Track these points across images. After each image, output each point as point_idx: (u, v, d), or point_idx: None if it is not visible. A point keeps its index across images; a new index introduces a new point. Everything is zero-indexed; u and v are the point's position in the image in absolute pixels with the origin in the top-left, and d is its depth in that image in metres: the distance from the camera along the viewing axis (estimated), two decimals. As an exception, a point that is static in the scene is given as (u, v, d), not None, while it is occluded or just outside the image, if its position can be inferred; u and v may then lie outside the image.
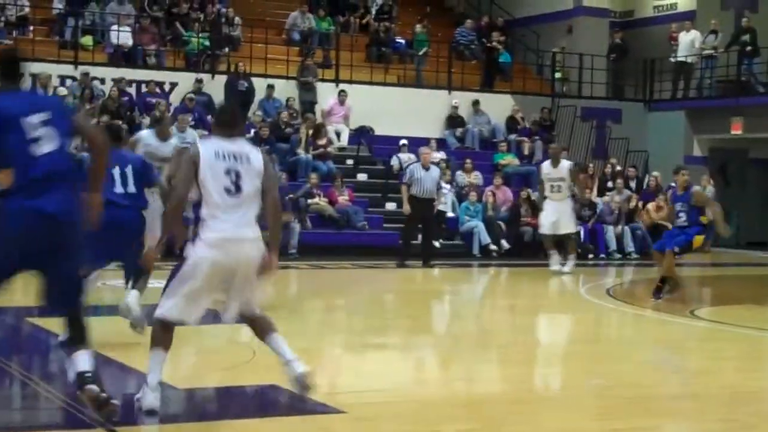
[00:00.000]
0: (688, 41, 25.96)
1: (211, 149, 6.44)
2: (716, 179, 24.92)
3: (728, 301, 15.03)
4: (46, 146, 5.85)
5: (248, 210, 6.45)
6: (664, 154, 25.29)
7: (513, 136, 24.56)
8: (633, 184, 23.45)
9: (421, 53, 25.34)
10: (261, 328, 6.73)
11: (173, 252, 7.00)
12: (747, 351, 10.54)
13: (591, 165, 23.99)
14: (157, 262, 8.91)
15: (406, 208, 17.77)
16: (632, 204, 22.39)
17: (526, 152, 24.01)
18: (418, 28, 25.85)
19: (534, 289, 16.20)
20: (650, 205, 22.52)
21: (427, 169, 17.95)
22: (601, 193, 22.83)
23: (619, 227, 21.76)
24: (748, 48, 25.16)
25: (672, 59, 26.49)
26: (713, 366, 9.25)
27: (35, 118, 5.87)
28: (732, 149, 26.00)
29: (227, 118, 6.66)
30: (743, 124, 24.88)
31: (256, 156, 6.54)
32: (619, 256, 21.43)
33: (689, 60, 26.14)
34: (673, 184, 23.46)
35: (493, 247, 20.17)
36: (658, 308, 13.81)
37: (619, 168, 23.85)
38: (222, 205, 6.37)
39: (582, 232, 21.61)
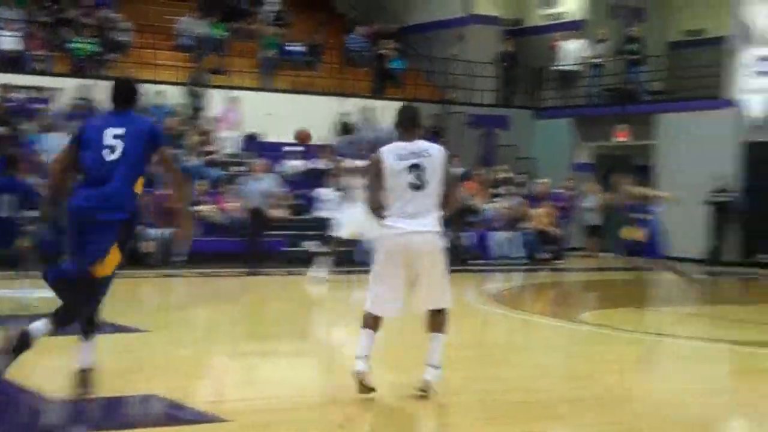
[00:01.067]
0: (573, 50, 26.40)
1: (392, 152, 7.10)
2: (601, 185, 25.37)
3: (612, 305, 15.29)
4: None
5: (430, 203, 7.08)
6: (552, 161, 25.69)
7: (404, 143, 24.65)
8: (521, 191, 23.75)
9: (269, 55, 24.89)
10: (433, 323, 7.27)
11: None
12: (630, 354, 10.74)
13: (480, 172, 24.22)
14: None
15: (235, 217, 18.03)
16: (520, 210, 22.69)
17: (416, 159, 24.11)
18: (269, 30, 25.52)
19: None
20: (538, 211, 22.87)
21: (257, 180, 18.14)
22: (489, 200, 23.07)
23: (507, 233, 22.00)
24: (635, 57, 25.69)
25: (556, 67, 26.90)
26: (597, 369, 9.39)
27: None
28: (617, 156, 26.49)
29: (405, 121, 7.29)
30: (628, 132, 25.38)
31: (436, 150, 7.17)
32: (506, 261, 21.66)
33: (574, 68, 26.58)
34: (561, 190, 23.95)
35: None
36: (544, 313, 14.02)
37: (507, 175, 24.13)
38: (406, 200, 7.01)
39: (470, 238, 21.82)
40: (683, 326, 13.52)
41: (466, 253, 21.69)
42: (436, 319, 7.31)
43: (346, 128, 24.46)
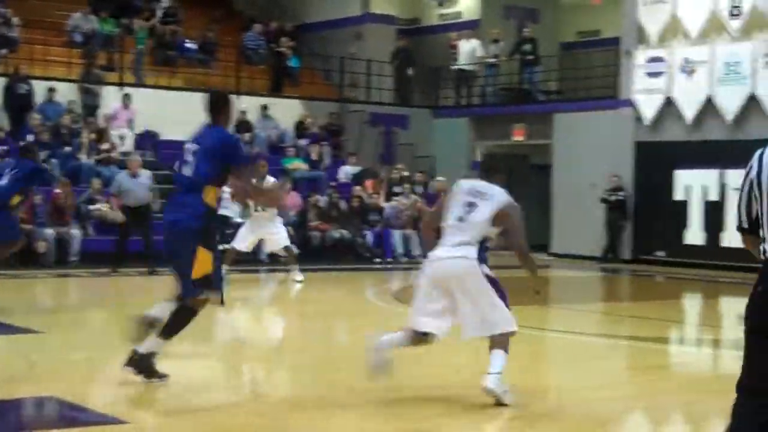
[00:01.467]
0: (469, 50, 26.58)
1: (464, 187, 7.62)
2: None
3: (511, 303, 15.36)
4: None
5: (473, 234, 7.40)
6: (450, 160, 25.82)
7: (302, 141, 24.59)
8: (420, 189, 23.82)
9: (138, 51, 24.24)
10: (491, 342, 7.47)
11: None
12: (530, 351, 10.79)
13: (381, 171, 24.24)
14: None
15: (119, 216, 17.77)
16: (414, 208, 22.75)
17: (314, 157, 24.06)
18: (137, 24, 24.86)
19: (321, 293, 16.22)
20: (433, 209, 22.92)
21: (135, 176, 17.85)
22: (388, 198, 23.09)
23: (406, 231, 22.05)
24: (529, 57, 25.94)
25: (453, 67, 27.06)
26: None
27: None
28: (514, 155, 26.75)
29: (486, 167, 7.94)
30: (526, 131, 25.63)
31: (497, 194, 7.50)
32: (405, 259, 21.69)
33: (470, 68, 26.76)
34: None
35: (281, 252, 20.08)
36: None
37: (406, 173, 24.18)
38: (452, 231, 7.46)
39: (370, 237, 21.83)
40: (581, 323, 13.67)
41: (367, 251, 21.72)
42: (493, 340, 7.48)
43: (243, 126, 24.30)
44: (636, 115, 22.90)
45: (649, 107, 22.67)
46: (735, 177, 20.99)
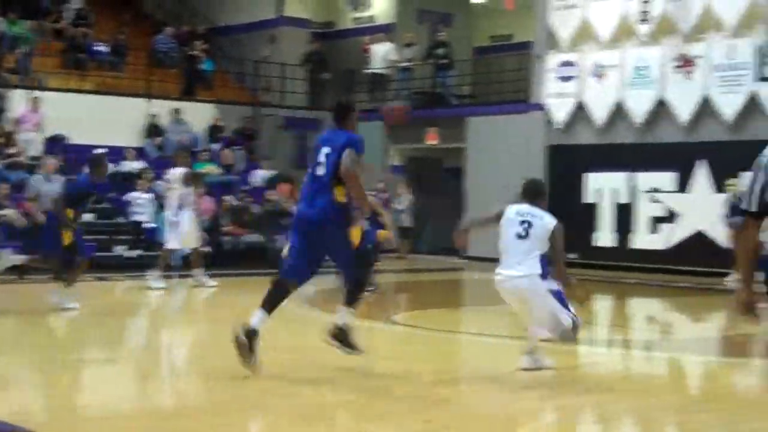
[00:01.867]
0: (383, 53, 26.63)
1: (514, 209, 8.76)
2: (413, 188, 25.67)
3: (424, 306, 15.45)
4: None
5: (531, 249, 8.57)
6: (364, 163, 25.81)
7: (215, 146, 24.42)
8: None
9: (24, 51, 23.66)
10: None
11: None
12: (441, 353, 10.85)
13: (293, 174, 24.13)
14: None
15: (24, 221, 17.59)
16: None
17: (227, 161, 23.91)
18: (27, 23, 24.30)
19: (234, 299, 16.09)
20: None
21: (50, 180, 17.65)
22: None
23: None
24: (443, 61, 26.07)
25: (367, 70, 27.08)
26: (412, 369, 9.44)
27: None
28: (427, 158, 26.87)
29: (529, 191, 9.01)
30: (439, 135, 25.74)
31: (547, 217, 8.71)
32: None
33: (384, 72, 26.81)
34: (373, 193, 24.10)
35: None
36: (358, 314, 14.02)
37: (320, 177, 24.11)
38: (511, 248, 8.66)
39: (282, 241, 21.73)
40: (494, 325, 13.72)
41: (280, 256, 21.62)
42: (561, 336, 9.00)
43: (154, 131, 24.09)
44: (547, 119, 23.15)
45: (560, 111, 22.94)
46: (644, 180, 21.35)
